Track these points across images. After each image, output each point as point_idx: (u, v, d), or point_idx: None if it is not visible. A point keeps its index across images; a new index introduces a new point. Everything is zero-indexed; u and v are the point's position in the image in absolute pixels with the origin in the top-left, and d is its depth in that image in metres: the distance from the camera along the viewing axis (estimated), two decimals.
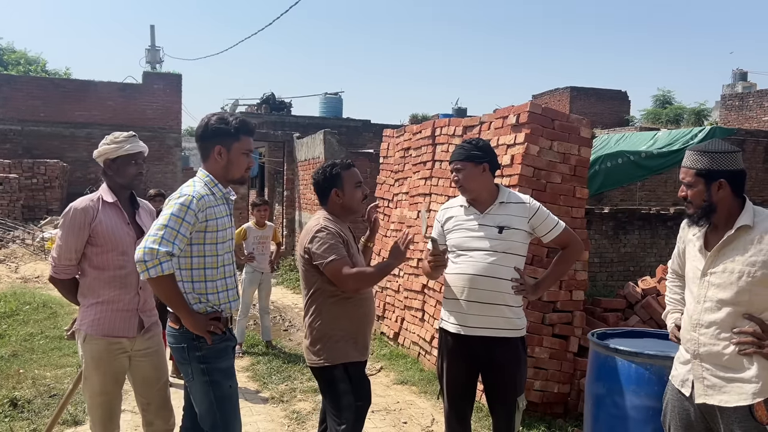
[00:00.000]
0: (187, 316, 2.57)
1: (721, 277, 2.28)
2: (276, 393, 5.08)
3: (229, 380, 2.69)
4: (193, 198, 2.56)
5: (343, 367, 2.88)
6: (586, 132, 4.82)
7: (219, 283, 2.68)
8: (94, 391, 2.98)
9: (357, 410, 2.88)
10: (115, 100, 17.60)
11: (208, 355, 2.63)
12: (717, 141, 2.36)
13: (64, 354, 5.86)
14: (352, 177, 3.03)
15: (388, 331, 6.71)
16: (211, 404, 2.63)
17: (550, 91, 26.31)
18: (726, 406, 2.24)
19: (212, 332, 2.62)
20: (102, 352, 2.93)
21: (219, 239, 2.65)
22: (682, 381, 2.40)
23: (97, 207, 2.95)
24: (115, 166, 3.01)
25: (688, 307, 2.41)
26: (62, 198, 15.30)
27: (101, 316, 2.93)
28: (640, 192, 13.99)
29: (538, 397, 4.57)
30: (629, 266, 10.97)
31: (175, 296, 2.55)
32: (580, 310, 4.75)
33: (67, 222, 2.92)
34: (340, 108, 20.62)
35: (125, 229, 2.98)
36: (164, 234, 2.47)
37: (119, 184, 3.02)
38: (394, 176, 7.00)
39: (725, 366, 2.26)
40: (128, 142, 3.02)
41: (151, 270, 2.45)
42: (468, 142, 3.13)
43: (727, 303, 2.26)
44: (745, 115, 22.36)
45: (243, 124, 2.74)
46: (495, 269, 2.96)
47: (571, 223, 4.55)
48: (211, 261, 2.65)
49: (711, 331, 2.29)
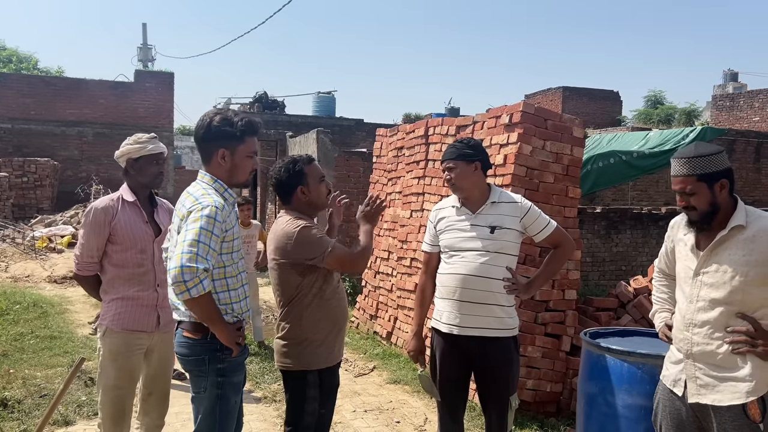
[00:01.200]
0: (224, 329, 2.44)
1: (714, 276, 2.29)
2: (268, 393, 5.07)
3: (236, 395, 2.61)
4: (216, 209, 2.41)
5: (318, 372, 2.85)
6: (578, 132, 4.83)
7: (240, 291, 2.58)
8: (108, 385, 3.06)
9: (320, 417, 2.87)
10: (107, 99, 17.52)
11: (227, 368, 2.53)
12: (701, 144, 2.37)
13: (54, 354, 5.82)
14: (316, 172, 2.95)
15: (381, 330, 6.71)
16: (215, 420, 2.53)
17: (543, 90, 26.38)
18: (719, 405, 2.25)
19: (237, 343, 2.51)
20: (120, 345, 3.03)
21: (234, 248, 2.55)
22: (674, 381, 2.41)
23: (117, 206, 3.06)
24: (138, 166, 3.09)
25: (680, 307, 2.41)
26: (53, 197, 15.21)
27: (122, 311, 3.03)
28: (632, 192, 14.05)
29: (531, 396, 4.58)
30: (621, 266, 11.02)
31: (214, 312, 2.41)
32: (573, 309, 4.77)
33: (89, 221, 3.04)
34: (333, 107, 20.60)
35: (143, 227, 3.08)
36: (199, 250, 2.31)
37: (141, 183, 3.12)
38: (387, 175, 7.00)
39: (718, 365, 2.27)
40: (151, 143, 3.11)
41: (193, 290, 2.28)
42: (460, 141, 3.13)
43: (720, 302, 2.27)
44: (736, 115, 22.50)
45: (249, 125, 2.56)
46: (487, 269, 2.96)
47: (564, 223, 4.56)
48: (231, 270, 2.54)
49: (704, 330, 2.29)
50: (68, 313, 7.72)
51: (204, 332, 2.48)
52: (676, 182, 2.33)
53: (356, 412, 4.74)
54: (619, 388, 2.78)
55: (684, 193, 2.32)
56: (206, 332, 2.48)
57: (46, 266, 10.74)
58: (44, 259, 11.28)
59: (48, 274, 10.34)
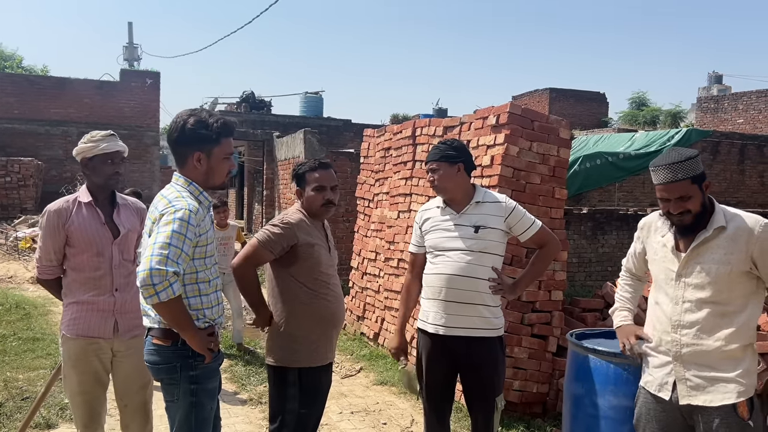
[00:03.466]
0: (194, 335, 2.38)
1: (699, 277, 2.30)
2: (254, 395, 5.03)
3: (211, 402, 2.55)
4: (190, 212, 2.34)
5: (298, 372, 2.84)
6: (565, 133, 4.85)
7: (212, 297, 2.52)
8: (73, 391, 2.97)
9: (299, 417, 2.85)
10: (92, 98, 17.36)
11: (200, 375, 2.47)
12: (678, 148, 2.40)
13: (37, 356, 5.75)
14: (312, 179, 2.97)
15: (368, 331, 6.69)
16: (191, 429, 2.48)
17: (530, 92, 26.51)
18: (710, 406, 2.26)
19: (210, 349, 2.45)
20: (78, 352, 2.92)
21: (208, 253, 2.49)
22: (659, 385, 2.40)
23: (72, 208, 2.95)
24: (91, 165, 2.98)
25: (664, 309, 2.41)
26: (37, 197, 15.04)
27: (77, 316, 2.92)
28: (618, 193, 14.13)
29: (517, 396, 4.58)
30: (607, 266, 11.06)
31: (184, 317, 2.35)
32: (559, 310, 4.78)
33: (44, 224, 2.96)
34: (320, 107, 20.58)
35: (100, 229, 2.95)
36: (169, 253, 2.24)
37: (96, 184, 2.99)
38: (375, 176, 6.98)
39: (708, 365, 2.28)
40: (105, 141, 2.97)
41: (162, 294, 2.22)
42: (443, 142, 3.14)
43: (706, 302, 2.29)
44: (720, 117, 22.73)
45: (224, 126, 2.48)
46: (472, 269, 2.96)
47: (550, 224, 4.57)
48: (204, 275, 2.48)
49: (693, 331, 2.31)
50: (51, 315, 7.62)
51: (174, 338, 2.42)
52: (672, 189, 2.30)
53: (342, 413, 4.72)
54: (604, 390, 2.78)
55: (679, 199, 2.30)
56: (176, 338, 2.41)
57: (29, 267, 10.60)
58: (27, 260, 11.13)
59: (31, 275, 10.19)
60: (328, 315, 2.92)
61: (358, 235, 7.34)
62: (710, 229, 2.30)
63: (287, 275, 2.87)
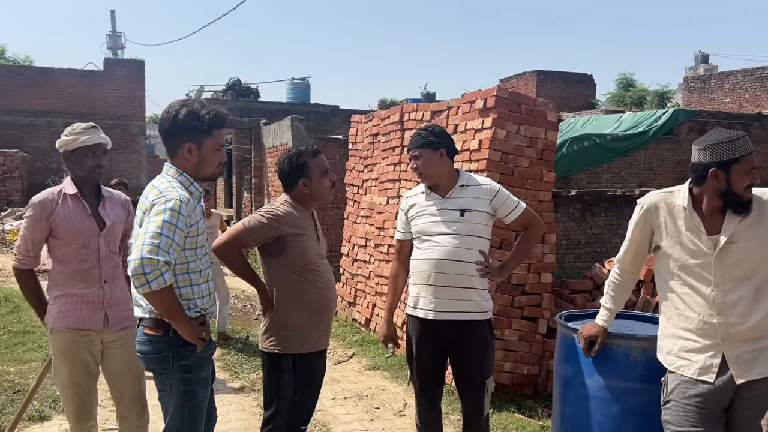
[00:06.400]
0: (186, 325, 2.39)
1: (736, 256, 2.33)
2: (247, 382, 5.05)
3: (204, 391, 2.57)
4: (181, 203, 2.34)
5: (293, 358, 2.86)
6: (552, 116, 4.85)
7: (203, 287, 2.53)
8: (64, 384, 2.96)
9: (294, 405, 2.86)
10: (76, 88, 17.17)
11: (192, 364, 2.48)
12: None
13: (28, 349, 5.73)
14: (320, 165, 2.97)
15: (360, 317, 6.72)
16: (184, 418, 2.49)
17: (517, 75, 26.44)
18: (765, 377, 2.29)
19: (201, 339, 2.46)
20: (69, 344, 2.91)
21: (199, 243, 2.50)
22: (701, 368, 2.36)
23: (57, 200, 2.92)
24: (73, 158, 2.95)
25: (701, 293, 2.36)
26: (23, 189, 14.91)
27: (66, 308, 2.91)
28: (606, 174, 14.20)
29: (508, 378, 4.63)
30: (596, 248, 11.14)
31: (175, 306, 2.36)
32: (549, 292, 4.82)
33: (27, 214, 2.94)
34: (307, 93, 20.42)
35: (87, 221, 2.94)
36: (160, 243, 2.25)
37: (78, 176, 2.97)
38: (363, 162, 6.97)
39: (757, 338, 2.32)
40: (85, 134, 2.94)
41: (153, 283, 2.23)
42: (424, 129, 3.15)
43: (744, 278, 2.33)
44: (707, 97, 22.82)
45: (216, 118, 2.48)
46: (459, 252, 2.97)
47: (539, 207, 4.59)
48: (195, 266, 2.49)
49: (739, 309, 2.32)
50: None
51: (165, 328, 2.43)
52: (752, 159, 2.32)
53: (336, 399, 4.75)
54: (594, 370, 2.81)
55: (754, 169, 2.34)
56: (168, 328, 2.43)
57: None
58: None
59: None
60: (319, 301, 2.93)
61: (348, 221, 7.34)
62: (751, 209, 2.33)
63: (277, 263, 2.88)
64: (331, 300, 3.01)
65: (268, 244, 2.86)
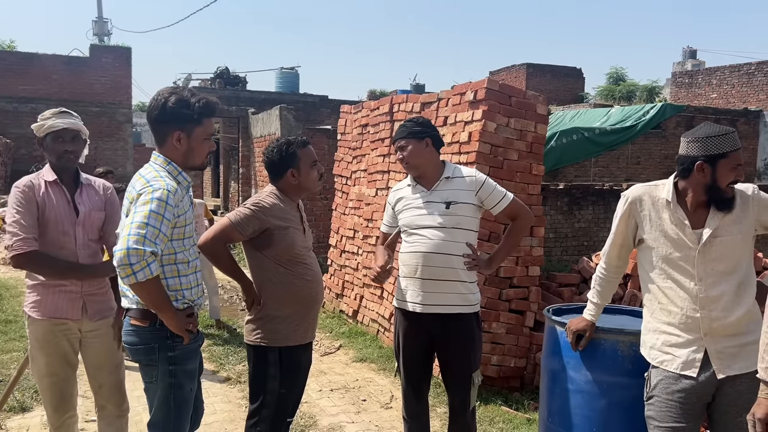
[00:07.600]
0: (173, 316, 2.36)
1: (719, 250, 2.33)
2: (233, 374, 5.02)
3: (191, 383, 2.53)
4: (168, 192, 2.30)
5: (279, 350, 2.83)
6: (542, 109, 4.84)
7: (191, 278, 2.50)
8: (41, 373, 2.90)
9: (280, 397, 2.84)
10: (61, 74, 16.89)
11: (179, 356, 2.45)
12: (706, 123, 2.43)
13: (9, 338, 5.66)
14: (309, 156, 2.93)
15: (347, 309, 6.70)
16: (170, 410, 2.46)
17: (507, 67, 26.46)
18: (746, 372, 2.28)
19: (189, 330, 2.43)
20: (46, 333, 2.85)
21: (186, 234, 2.45)
22: (683, 363, 2.36)
23: (39, 184, 2.85)
24: (45, 144, 2.89)
25: (684, 287, 2.37)
26: (6, 175, 14.70)
27: (43, 297, 2.85)
28: (594, 168, 14.26)
29: (496, 371, 4.63)
30: (583, 241, 11.19)
31: (162, 298, 2.32)
32: (536, 285, 4.82)
33: (18, 198, 2.78)
34: (296, 83, 20.31)
35: (66, 208, 2.87)
36: (147, 233, 2.20)
37: (51, 162, 2.91)
38: (352, 153, 6.93)
39: (739, 333, 2.31)
40: (54, 118, 2.86)
41: (139, 274, 2.18)
42: (409, 120, 3.14)
43: (727, 272, 2.33)
44: (695, 92, 22.96)
45: (206, 106, 2.44)
46: (446, 245, 2.96)
47: (528, 200, 4.59)
48: (182, 256, 2.45)
49: (721, 304, 2.32)
50: (24, 296, 7.49)
51: (152, 319, 2.40)
52: (737, 156, 2.32)
53: (322, 391, 4.73)
54: (581, 364, 2.81)
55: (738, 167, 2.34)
56: (154, 319, 2.40)
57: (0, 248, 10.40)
58: None
59: (2, 256, 10.01)
60: (306, 294, 2.90)
61: (336, 213, 7.30)
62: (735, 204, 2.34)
63: (262, 256, 2.84)
64: (318, 293, 2.98)
65: (254, 237, 2.83)
